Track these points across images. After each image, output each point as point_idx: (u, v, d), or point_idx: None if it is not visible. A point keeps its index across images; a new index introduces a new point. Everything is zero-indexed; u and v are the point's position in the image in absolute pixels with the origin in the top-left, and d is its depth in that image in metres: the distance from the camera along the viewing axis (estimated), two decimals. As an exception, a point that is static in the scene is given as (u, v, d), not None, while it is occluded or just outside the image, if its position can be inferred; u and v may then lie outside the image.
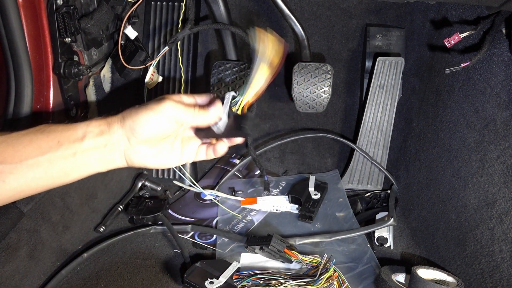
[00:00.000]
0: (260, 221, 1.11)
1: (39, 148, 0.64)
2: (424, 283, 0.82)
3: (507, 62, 0.91)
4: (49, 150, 0.64)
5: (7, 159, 0.63)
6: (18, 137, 0.65)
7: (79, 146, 0.66)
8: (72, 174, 0.68)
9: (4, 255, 0.85)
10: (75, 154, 0.66)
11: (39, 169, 0.64)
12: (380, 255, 1.02)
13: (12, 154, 0.63)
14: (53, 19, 0.95)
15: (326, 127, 1.39)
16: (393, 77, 1.19)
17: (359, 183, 1.26)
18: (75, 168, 0.67)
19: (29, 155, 0.64)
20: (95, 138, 0.67)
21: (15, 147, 0.64)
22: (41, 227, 0.94)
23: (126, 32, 1.11)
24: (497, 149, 0.90)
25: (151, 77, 1.18)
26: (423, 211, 1.08)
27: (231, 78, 1.17)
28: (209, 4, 1.13)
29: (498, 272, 0.82)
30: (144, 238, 1.07)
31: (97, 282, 0.94)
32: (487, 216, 0.88)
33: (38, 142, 0.65)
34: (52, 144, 0.65)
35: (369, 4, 1.31)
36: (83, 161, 0.67)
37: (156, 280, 0.95)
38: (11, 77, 0.94)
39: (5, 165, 0.63)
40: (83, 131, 0.67)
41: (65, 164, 0.66)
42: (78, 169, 0.67)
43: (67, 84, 1.03)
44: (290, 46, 1.37)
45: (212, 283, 0.84)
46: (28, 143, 0.64)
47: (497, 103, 0.92)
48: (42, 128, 0.67)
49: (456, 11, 1.09)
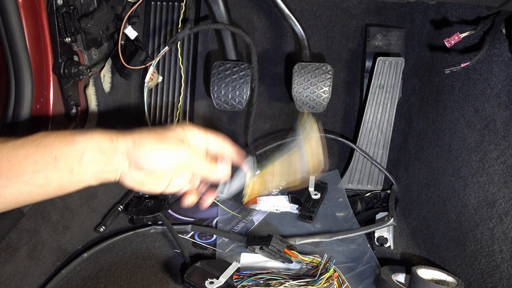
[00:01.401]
0: (260, 221, 1.11)
1: (35, 164, 0.61)
2: (424, 283, 0.82)
3: (507, 62, 0.91)
4: (45, 167, 0.62)
5: (2, 173, 0.60)
6: (13, 148, 0.62)
7: (76, 164, 0.63)
8: (68, 188, 0.66)
9: (4, 255, 0.85)
10: (72, 171, 0.63)
11: (35, 185, 0.62)
12: (380, 255, 1.02)
13: (7, 167, 0.60)
14: (53, 19, 0.95)
15: (326, 127, 1.39)
16: (393, 77, 1.19)
17: (359, 183, 1.26)
18: (71, 184, 0.65)
19: (25, 171, 0.61)
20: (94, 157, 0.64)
21: (10, 160, 0.61)
22: (41, 227, 0.94)
23: (126, 32, 1.11)
24: (497, 149, 0.90)
25: (151, 77, 1.18)
26: (423, 211, 1.08)
27: (231, 78, 1.16)
28: (209, 4, 1.13)
29: (498, 272, 0.82)
30: (144, 238, 1.07)
31: (97, 282, 0.94)
32: (487, 216, 0.88)
33: (34, 156, 0.61)
34: (49, 159, 0.62)
35: (369, 4, 1.31)
36: (80, 177, 0.65)
37: (156, 280, 0.95)
38: (11, 77, 0.94)
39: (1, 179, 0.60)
40: (82, 148, 0.63)
41: (62, 180, 0.64)
42: (74, 184, 0.65)
43: (67, 84, 1.03)
44: (290, 46, 1.37)
45: (212, 283, 0.84)
46: (24, 157, 0.61)
47: (497, 103, 0.92)
48: (39, 139, 0.63)
49: (456, 11, 1.09)
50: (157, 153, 0.66)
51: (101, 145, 0.64)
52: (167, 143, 0.67)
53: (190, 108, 1.30)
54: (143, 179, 0.69)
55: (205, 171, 0.71)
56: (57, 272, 0.94)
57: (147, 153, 0.66)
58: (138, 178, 0.68)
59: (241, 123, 1.40)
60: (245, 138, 1.36)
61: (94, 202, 1.10)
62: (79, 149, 0.63)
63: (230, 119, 1.41)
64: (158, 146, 0.66)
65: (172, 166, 0.69)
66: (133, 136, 0.66)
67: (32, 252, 0.91)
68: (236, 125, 1.41)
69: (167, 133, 0.68)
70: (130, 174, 0.67)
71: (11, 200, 0.63)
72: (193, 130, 0.72)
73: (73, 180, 0.64)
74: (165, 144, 0.67)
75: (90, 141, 0.63)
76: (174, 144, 0.67)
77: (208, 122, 1.41)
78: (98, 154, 0.64)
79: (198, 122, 1.39)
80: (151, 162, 0.66)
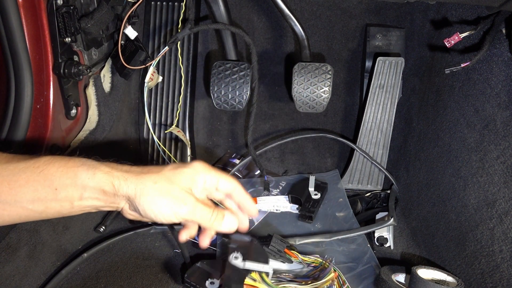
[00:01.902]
0: (260, 221, 1.11)
1: (36, 192, 0.61)
2: (424, 283, 0.82)
3: (507, 62, 0.91)
4: (45, 196, 0.62)
5: (2, 196, 0.60)
6: (15, 173, 0.61)
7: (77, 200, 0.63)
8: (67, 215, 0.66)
9: (4, 255, 0.85)
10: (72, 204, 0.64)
11: (34, 211, 0.63)
12: (380, 255, 1.02)
13: (7, 191, 0.61)
14: (53, 19, 0.95)
15: (326, 127, 1.39)
16: (393, 77, 1.19)
17: (359, 183, 1.26)
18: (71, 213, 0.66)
19: (25, 197, 0.61)
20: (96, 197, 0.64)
21: (10, 184, 0.61)
22: (41, 227, 0.94)
23: (126, 32, 1.11)
24: (497, 149, 0.90)
25: (151, 77, 1.18)
26: (423, 211, 1.08)
27: (231, 78, 1.16)
28: (209, 4, 1.13)
29: (498, 272, 0.82)
30: (144, 238, 1.07)
31: (97, 282, 0.94)
32: (487, 216, 0.88)
33: (35, 185, 0.61)
34: (49, 190, 0.62)
35: (369, 4, 1.31)
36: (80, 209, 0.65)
37: (156, 280, 0.95)
38: (11, 77, 0.94)
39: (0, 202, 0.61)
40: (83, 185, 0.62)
41: (61, 210, 0.64)
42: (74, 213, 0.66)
43: (67, 84, 1.03)
44: (290, 46, 1.37)
45: (212, 283, 0.84)
46: (25, 183, 0.61)
47: (497, 103, 0.92)
48: (41, 166, 0.62)
49: (456, 11, 1.09)
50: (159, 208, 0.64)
51: (103, 187, 0.63)
52: (171, 196, 0.64)
53: (190, 108, 1.30)
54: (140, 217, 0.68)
55: (209, 225, 0.68)
56: (57, 272, 0.94)
57: (148, 206, 0.64)
58: (136, 215, 0.68)
59: (241, 123, 1.40)
60: (245, 138, 1.36)
61: (94, 202, 1.10)
62: (80, 186, 0.62)
63: (230, 119, 1.41)
64: (160, 200, 0.64)
65: (172, 220, 0.66)
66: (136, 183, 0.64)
67: (32, 252, 0.91)
68: (236, 125, 1.41)
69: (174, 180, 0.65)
70: (130, 212, 0.68)
71: (8, 222, 0.64)
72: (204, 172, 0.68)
73: (72, 211, 0.65)
74: (168, 198, 0.64)
75: (92, 179, 0.62)
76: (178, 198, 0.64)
77: (208, 122, 1.41)
78: (98, 194, 0.63)
79: (198, 122, 1.39)
80: (151, 215, 0.65)
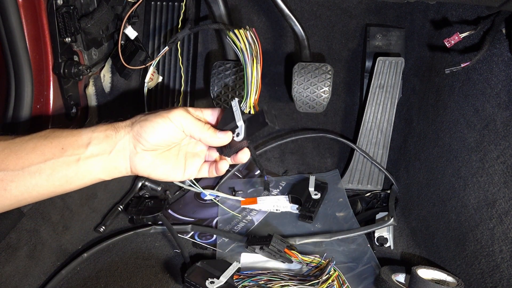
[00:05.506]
0: (260, 221, 1.11)
1: (42, 155, 0.63)
2: (424, 283, 0.82)
3: (507, 62, 0.91)
4: (52, 157, 0.63)
5: (9, 166, 0.62)
6: (22, 143, 0.64)
7: (83, 152, 0.65)
8: (75, 182, 0.67)
9: (4, 255, 0.85)
10: (78, 160, 0.65)
11: (41, 176, 0.63)
12: (380, 255, 1.02)
13: (14, 161, 0.62)
14: (53, 19, 0.95)
15: (326, 127, 1.39)
16: (393, 77, 1.19)
17: (359, 183, 1.26)
18: (78, 176, 0.66)
19: (32, 162, 0.63)
20: (100, 143, 0.66)
21: (17, 153, 0.63)
22: (41, 227, 0.94)
23: (126, 32, 1.11)
24: (497, 149, 0.90)
25: (151, 77, 1.18)
26: (423, 211, 1.08)
27: (231, 78, 1.17)
28: (209, 4, 1.13)
29: (498, 272, 0.82)
30: (144, 238, 1.07)
31: (97, 282, 0.94)
32: (487, 216, 0.88)
33: (42, 148, 0.63)
34: (56, 150, 0.64)
35: (369, 4, 1.31)
36: (87, 168, 0.66)
37: (156, 280, 0.95)
38: (11, 77, 0.94)
39: (7, 172, 0.62)
40: (88, 137, 0.66)
41: (68, 171, 0.65)
42: (81, 176, 0.66)
43: (67, 84, 1.03)
44: (290, 46, 1.37)
45: (212, 283, 0.84)
46: (31, 150, 0.63)
47: (497, 103, 0.92)
48: (47, 133, 0.65)
49: (456, 11, 1.09)
50: (158, 125, 0.67)
51: (106, 132, 0.67)
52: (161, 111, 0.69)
53: (190, 108, 1.30)
54: (154, 161, 0.70)
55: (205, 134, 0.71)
56: (57, 272, 0.94)
57: (149, 126, 0.67)
58: (148, 159, 0.69)
59: (241, 123, 1.40)
60: (245, 138, 1.36)
61: (94, 202, 1.10)
62: (86, 139, 0.66)
63: (230, 119, 1.41)
64: (158, 119, 0.68)
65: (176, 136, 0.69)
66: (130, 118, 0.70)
67: (32, 252, 0.91)
68: (236, 125, 1.41)
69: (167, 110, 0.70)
70: (139, 156, 0.68)
71: (16, 196, 0.64)
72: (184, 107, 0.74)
73: (79, 171, 0.66)
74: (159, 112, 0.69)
75: (95, 130, 0.67)
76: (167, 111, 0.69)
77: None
78: (103, 141, 0.66)
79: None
80: (154, 134, 0.67)
